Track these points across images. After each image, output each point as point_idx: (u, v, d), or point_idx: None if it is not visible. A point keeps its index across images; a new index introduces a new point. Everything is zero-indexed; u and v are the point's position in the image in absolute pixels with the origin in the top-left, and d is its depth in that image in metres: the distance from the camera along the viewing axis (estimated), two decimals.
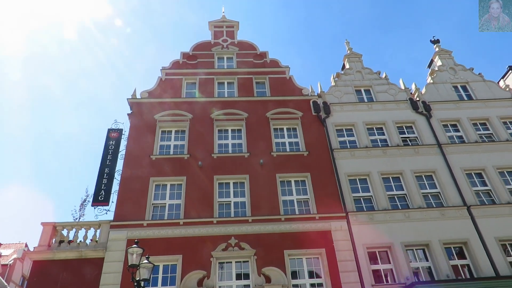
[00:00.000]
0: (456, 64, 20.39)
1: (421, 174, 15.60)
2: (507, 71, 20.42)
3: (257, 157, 15.68)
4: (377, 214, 14.11)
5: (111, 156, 15.66)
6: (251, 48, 20.72)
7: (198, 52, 20.22)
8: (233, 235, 13.37)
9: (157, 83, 18.57)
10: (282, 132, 17.10)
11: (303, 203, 14.72)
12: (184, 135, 16.67)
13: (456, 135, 17.22)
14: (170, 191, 14.80)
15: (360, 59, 20.54)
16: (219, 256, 12.87)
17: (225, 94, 18.60)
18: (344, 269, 12.70)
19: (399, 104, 18.12)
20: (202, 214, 13.88)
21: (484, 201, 14.91)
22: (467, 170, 15.67)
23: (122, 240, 13.03)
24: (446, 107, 18.05)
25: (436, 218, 14.07)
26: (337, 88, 18.82)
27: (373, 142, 16.75)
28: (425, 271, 13.16)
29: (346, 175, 15.28)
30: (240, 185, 15.08)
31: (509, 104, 18.26)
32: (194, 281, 12.18)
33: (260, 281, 12.29)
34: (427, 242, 13.45)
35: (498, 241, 13.52)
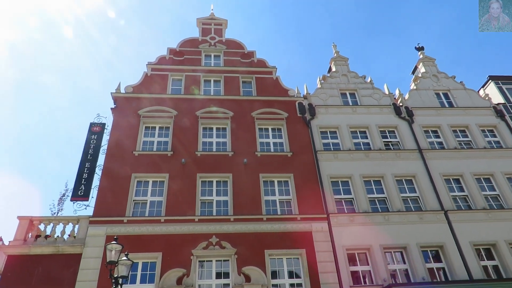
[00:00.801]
0: (439, 72, 20.85)
1: (401, 178, 15.90)
2: (487, 80, 20.97)
3: (241, 156, 15.68)
4: (358, 216, 14.31)
5: (93, 150, 15.40)
6: (239, 47, 20.69)
7: (185, 49, 20.06)
8: (214, 233, 13.33)
9: (142, 78, 18.35)
10: (267, 132, 17.14)
11: (285, 204, 14.80)
12: (168, 131, 16.52)
13: (437, 141, 17.62)
14: (152, 188, 14.65)
15: (347, 62, 20.78)
16: (199, 255, 12.81)
17: (211, 92, 18.51)
18: (324, 270, 12.84)
19: (383, 108, 18.41)
20: (183, 212, 13.79)
21: (460, 206, 15.30)
22: (445, 175, 16.05)
23: (101, 236, 12.82)
24: (428, 113, 18.44)
25: (415, 221, 14.37)
26: (322, 91, 18.98)
27: (356, 145, 16.97)
28: (402, 273, 13.42)
29: (329, 177, 15.43)
30: (223, 183, 15.05)
31: (488, 113, 18.78)
32: (174, 279, 12.09)
33: (240, 280, 12.30)
34: (405, 245, 13.72)
35: (473, 245, 13.90)
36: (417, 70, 21.87)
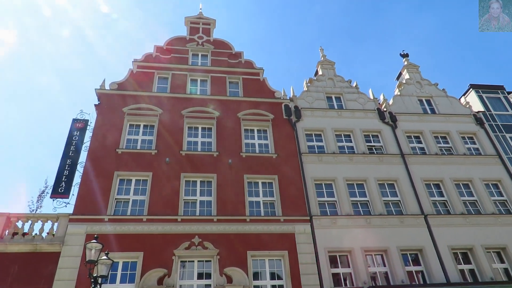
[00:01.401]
0: (422, 79, 21.28)
1: (383, 182, 16.15)
2: (468, 89, 21.51)
3: (226, 156, 15.65)
4: (340, 219, 14.45)
5: (75, 147, 15.12)
6: (227, 47, 20.66)
7: (172, 47, 19.92)
8: (197, 234, 13.25)
9: (128, 75, 18.13)
10: (253, 133, 17.16)
11: (269, 205, 14.83)
12: (152, 130, 16.36)
13: (419, 147, 17.96)
14: (134, 187, 14.47)
15: (333, 66, 20.99)
16: (181, 255, 12.71)
17: (197, 91, 18.42)
18: (305, 271, 12.91)
19: (367, 113, 18.67)
20: (166, 211, 13.67)
21: (440, 211, 15.63)
22: (426, 180, 16.38)
23: (81, 235, 12.59)
24: (411, 119, 18.80)
25: (395, 225, 14.60)
26: (309, 94, 19.13)
27: (340, 149, 17.15)
28: (382, 276, 13.63)
29: (313, 179, 15.55)
30: (207, 184, 14.99)
31: (468, 120, 19.27)
32: (154, 279, 11.96)
33: (221, 281, 12.26)
34: (386, 248, 13.93)
35: (451, 249, 14.23)
36: (401, 76, 22.27)
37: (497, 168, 17.28)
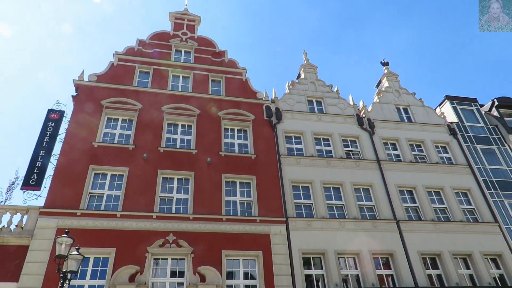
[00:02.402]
0: (401, 88, 21.82)
1: (359, 187, 16.45)
2: (443, 100, 22.21)
3: (205, 155, 15.57)
4: (315, 222, 14.64)
5: (49, 138, 14.68)
6: (211, 45, 20.57)
7: (155, 42, 19.66)
8: (172, 231, 13.13)
9: (108, 67, 17.76)
10: (233, 133, 17.15)
11: (246, 205, 14.86)
12: (131, 124, 16.09)
13: (394, 153, 18.40)
14: (110, 181, 14.19)
15: (315, 70, 21.23)
16: (155, 252, 12.56)
17: (179, 88, 18.25)
18: (279, 272, 13.01)
19: (347, 118, 18.98)
20: (141, 207, 13.47)
21: (412, 216, 16.06)
22: (400, 186, 16.81)
23: (51, 229, 12.25)
24: (388, 126, 19.24)
25: (368, 229, 14.92)
26: (290, 96, 19.28)
27: (318, 152, 17.37)
28: (354, 278, 13.88)
29: (290, 181, 15.68)
30: (184, 181, 14.87)
31: (442, 130, 19.89)
32: (126, 276, 11.76)
33: (194, 279, 12.19)
34: (358, 251, 14.20)
35: (420, 254, 14.65)
36: (381, 84, 22.75)
37: (467, 178, 17.91)
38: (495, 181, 18.12)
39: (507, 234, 16.07)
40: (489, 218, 16.51)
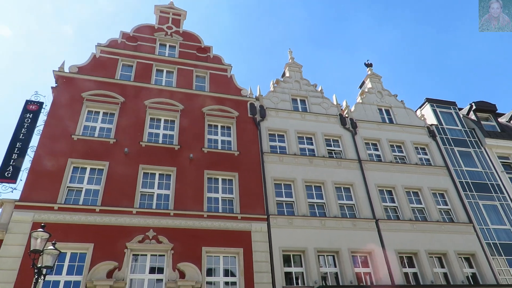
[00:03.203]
0: (384, 89, 22.16)
1: (340, 186, 16.64)
2: (424, 102, 22.67)
3: (188, 151, 15.45)
4: (296, 219, 14.74)
5: (26, 130, 14.28)
6: (196, 40, 20.38)
7: (139, 35, 19.34)
8: (152, 227, 12.99)
9: (90, 59, 17.39)
10: (216, 129, 17.07)
11: (228, 202, 14.83)
12: (113, 118, 15.80)
13: (375, 154, 18.70)
14: (89, 176, 13.92)
15: (300, 69, 21.32)
16: (134, 248, 12.40)
17: (162, 82, 18.03)
18: (259, 269, 13.05)
19: (330, 118, 19.16)
20: (121, 203, 13.27)
21: (390, 216, 16.37)
22: (380, 186, 17.09)
23: (27, 223, 11.93)
24: (370, 126, 19.52)
25: (348, 228, 15.12)
26: (275, 94, 19.31)
27: (301, 151, 17.48)
28: (332, 276, 14.07)
29: (273, 179, 15.73)
30: (166, 177, 14.72)
31: (422, 132, 20.31)
32: (104, 272, 11.57)
33: (174, 276, 12.10)
34: (338, 249, 14.39)
35: (397, 253, 14.96)
36: (364, 85, 23.04)
37: (444, 179, 18.37)
38: (471, 183, 18.65)
39: (480, 235, 16.57)
40: (464, 219, 16.99)
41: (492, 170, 19.60)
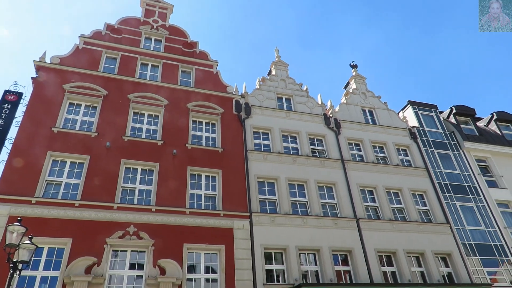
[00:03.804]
0: (368, 90, 22.45)
1: (323, 185, 16.80)
2: (406, 104, 23.08)
3: (171, 146, 15.31)
4: (279, 218, 14.81)
5: (4, 121, 13.85)
6: (182, 35, 20.17)
7: (124, 27, 19.01)
8: (133, 223, 12.83)
9: (73, 50, 16.99)
10: (200, 125, 16.96)
11: (210, 199, 14.78)
12: (95, 111, 15.51)
13: (358, 154, 18.94)
14: (69, 169, 13.63)
15: (286, 68, 21.38)
16: (114, 244, 12.22)
17: (147, 76, 17.78)
18: (240, 266, 13.07)
19: (314, 117, 19.30)
20: (102, 197, 13.05)
21: (371, 215, 16.63)
22: (361, 186, 17.34)
23: (3, 216, 11.59)
24: (354, 127, 19.76)
25: (329, 226, 15.29)
26: (260, 92, 19.32)
27: (285, 149, 17.56)
28: (313, 274, 14.21)
29: (256, 177, 15.75)
30: (148, 172, 14.55)
31: (403, 134, 20.69)
32: (82, 267, 11.37)
33: (154, 272, 11.99)
34: (319, 248, 14.54)
35: (377, 252, 15.22)
36: (349, 86, 23.29)
37: (423, 180, 18.77)
38: (449, 185, 19.12)
39: (456, 235, 17.03)
40: (441, 219, 17.41)
41: (470, 173, 20.14)
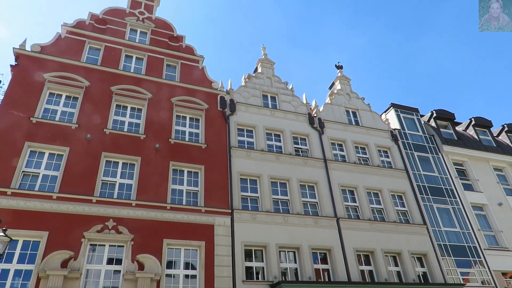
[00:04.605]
0: (352, 91, 22.70)
1: (305, 184, 16.93)
2: (389, 107, 23.48)
3: (154, 141, 15.13)
4: (260, 215, 14.85)
5: None
6: (168, 28, 19.91)
7: (109, 18, 18.62)
8: (112, 217, 12.63)
9: (55, 39, 16.55)
10: (185, 120, 16.82)
11: (192, 195, 14.69)
12: (76, 102, 15.16)
13: (340, 154, 19.16)
14: (47, 161, 13.30)
15: (272, 66, 21.39)
16: (92, 238, 12.01)
17: (131, 69, 17.49)
18: (220, 263, 13.05)
19: (299, 116, 19.40)
20: (81, 190, 12.79)
21: (351, 215, 16.87)
22: (343, 186, 17.56)
23: None
24: (337, 127, 19.97)
25: (310, 225, 15.43)
26: (245, 89, 19.28)
27: (269, 147, 17.60)
28: (292, 272, 14.32)
29: (239, 174, 15.74)
30: (129, 166, 14.35)
31: (385, 136, 21.04)
32: (58, 261, 11.13)
33: (132, 267, 11.85)
34: (299, 246, 14.65)
35: (355, 251, 15.46)
36: (334, 86, 23.50)
37: (403, 182, 19.15)
38: (427, 187, 19.57)
39: (432, 236, 17.46)
40: (419, 220, 17.81)
41: (447, 176, 20.66)
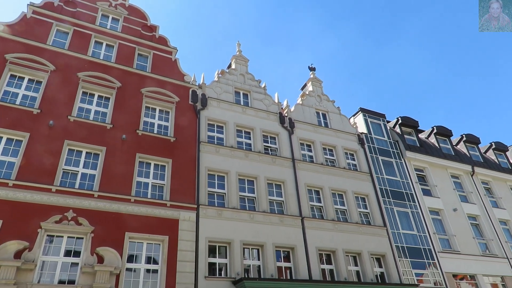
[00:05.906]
0: (323, 94, 23.10)
1: (272, 182, 17.07)
2: (358, 111, 24.10)
3: (121, 131, 14.72)
4: (226, 211, 14.83)
5: None
6: (142, 17, 19.41)
7: (80, 1, 17.91)
8: (72, 208, 12.18)
9: (20, 18, 15.72)
10: (154, 112, 16.49)
11: (158, 188, 14.44)
12: (39, 86, 14.49)
13: (308, 154, 19.46)
14: (5, 146, 12.63)
15: (247, 63, 21.36)
16: (49, 228, 11.53)
17: (100, 55, 16.91)
18: (183, 258, 12.92)
19: (270, 115, 19.52)
20: (40, 179, 12.25)
21: (315, 215, 17.19)
22: (309, 186, 17.86)
23: None
24: (307, 128, 20.26)
25: (275, 223, 15.59)
26: (218, 85, 19.15)
27: (238, 144, 17.59)
28: (255, 269, 14.42)
29: (207, 169, 15.64)
30: (94, 156, 13.89)
31: (352, 139, 21.58)
32: (11, 252, 10.59)
33: (91, 260, 11.49)
34: (263, 243, 14.77)
35: (318, 250, 15.79)
36: (306, 87, 23.81)
37: (367, 184, 19.74)
38: (389, 190, 20.29)
39: (391, 238, 18.13)
40: (379, 222, 18.43)
41: (408, 180, 21.50)
